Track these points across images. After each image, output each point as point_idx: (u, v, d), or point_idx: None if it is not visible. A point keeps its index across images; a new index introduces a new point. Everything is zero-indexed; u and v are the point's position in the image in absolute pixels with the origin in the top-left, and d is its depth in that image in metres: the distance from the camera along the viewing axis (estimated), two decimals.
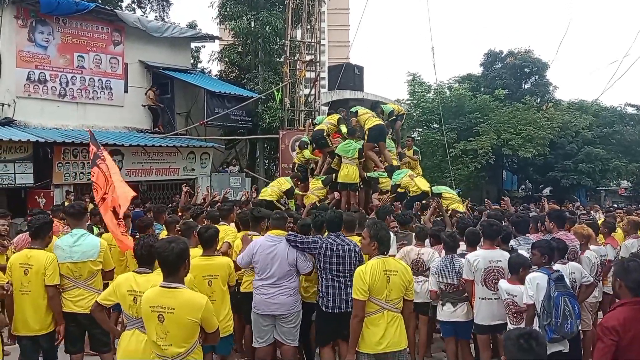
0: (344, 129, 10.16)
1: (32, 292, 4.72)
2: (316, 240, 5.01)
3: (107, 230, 6.30)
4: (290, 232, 5.24)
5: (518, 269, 4.81)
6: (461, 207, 9.53)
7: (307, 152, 10.06)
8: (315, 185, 10.15)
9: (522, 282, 4.68)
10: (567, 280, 4.69)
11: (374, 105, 11.64)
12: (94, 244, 5.00)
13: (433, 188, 9.69)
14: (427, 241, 6.36)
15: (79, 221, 5.15)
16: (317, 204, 8.69)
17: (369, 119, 10.01)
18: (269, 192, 9.57)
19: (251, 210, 6.36)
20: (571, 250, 5.58)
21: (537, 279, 4.55)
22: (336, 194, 9.84)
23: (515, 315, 4.73)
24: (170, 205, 12.27)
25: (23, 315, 4.75)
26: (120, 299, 3.90)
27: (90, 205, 11.47)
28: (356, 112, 10.24)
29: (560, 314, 4.27)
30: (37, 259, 4.71)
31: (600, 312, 6.16)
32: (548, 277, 4.46)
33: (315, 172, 10.60)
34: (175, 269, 3.37)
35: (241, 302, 5.61)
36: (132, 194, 5.97)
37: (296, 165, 11.34)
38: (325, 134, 10.37)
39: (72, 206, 5.42)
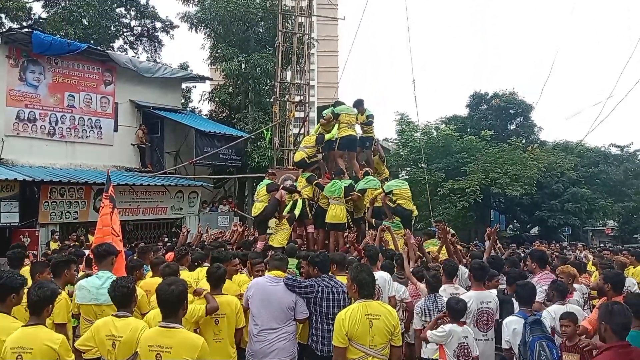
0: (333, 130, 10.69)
1: None
2: (313, 284, 4.97)
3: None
4: (288, 276, 5.19)
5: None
6: (410, 205, 9.45)
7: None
8: (301, 183, 10.37)
9: None
10: (547, 324, 4.66)
11: (357, 103, 11.57)
12: None
13: (385, 187, 9.72)
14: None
15: (101, 263, 5.06)
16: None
17: (343, 129, 10.64)
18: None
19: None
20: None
21: (513, 323, 4.59)
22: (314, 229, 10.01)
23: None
24: (161, 243, 12.13)
25: None
26: (98, 344, 3.81)
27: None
28: (338, 114, 10.80)
29: (535, 358, 4.26)
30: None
31: None
32: (524, 321, 4.46)
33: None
34: (174, 310, 3.49)
35: None
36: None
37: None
38: (306, 160, 10.68)
39: (98, 247, 5.31)
